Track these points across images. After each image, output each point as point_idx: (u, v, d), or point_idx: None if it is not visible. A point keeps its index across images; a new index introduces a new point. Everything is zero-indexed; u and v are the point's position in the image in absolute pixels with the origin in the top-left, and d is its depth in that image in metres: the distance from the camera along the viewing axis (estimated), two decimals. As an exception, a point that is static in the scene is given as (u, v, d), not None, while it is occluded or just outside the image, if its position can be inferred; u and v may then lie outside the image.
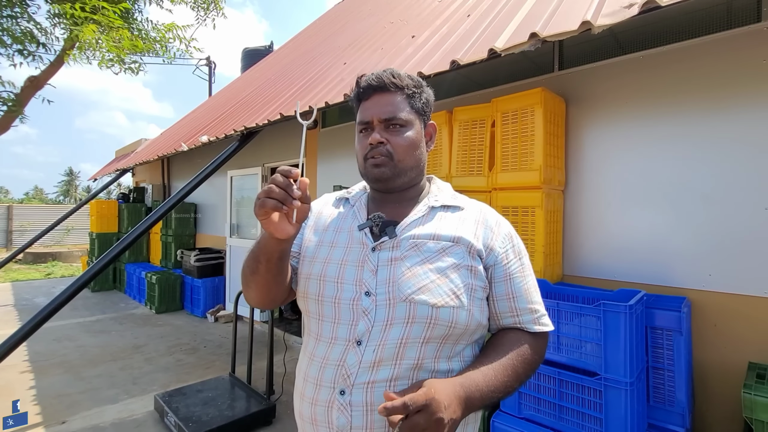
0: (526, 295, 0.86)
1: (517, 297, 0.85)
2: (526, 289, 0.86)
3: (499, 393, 0.75)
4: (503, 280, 0.85)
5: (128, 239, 3.14)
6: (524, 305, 0.85)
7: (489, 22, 2.42)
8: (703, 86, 1.97)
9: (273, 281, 0.83)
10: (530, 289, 0.87)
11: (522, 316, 0.85)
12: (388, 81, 0.87)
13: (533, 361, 0.82)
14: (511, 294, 0.85)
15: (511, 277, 0.85)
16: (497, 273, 0.85)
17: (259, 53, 9.86)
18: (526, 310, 0.85)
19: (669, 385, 1.77)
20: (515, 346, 0.81)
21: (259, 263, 0.80)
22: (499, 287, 0.85)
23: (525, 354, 0.81)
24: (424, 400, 0.63)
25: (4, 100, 3.70)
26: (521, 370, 0.79)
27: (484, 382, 0.74)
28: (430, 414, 0.63)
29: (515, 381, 0.78)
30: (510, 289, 0.85)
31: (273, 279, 0.83)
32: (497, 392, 0.75)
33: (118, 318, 5.40)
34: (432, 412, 0.63)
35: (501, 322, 0.86)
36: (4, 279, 8.22)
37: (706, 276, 1.95)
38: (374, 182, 0.90)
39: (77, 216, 9.20)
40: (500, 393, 0.76)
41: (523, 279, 0.86)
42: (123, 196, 8.23)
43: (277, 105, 3.66)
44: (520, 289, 0.85)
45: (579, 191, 2.39)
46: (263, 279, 0.82)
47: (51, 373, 3.50)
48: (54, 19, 3.47)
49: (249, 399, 2.85)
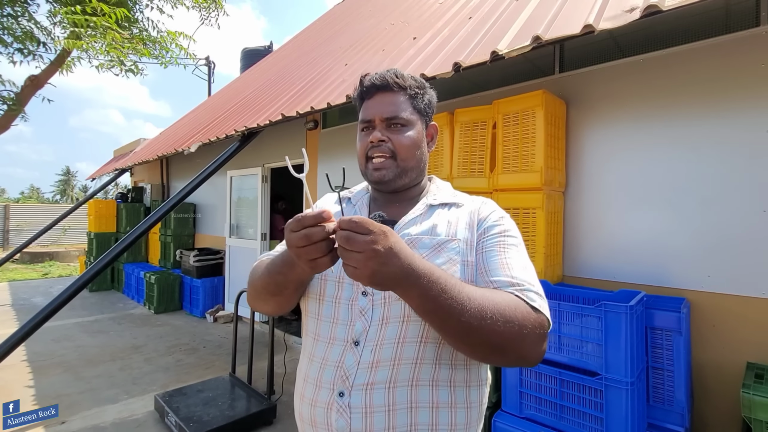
0: (503, 269, 0.76)
1: (489, 270, 0.76)
2: (504, 262, 0.77)
3: (449, 305, 0.63)
4: (479, 252, 0.80)
5: (128, 239, 3.13)
6: (500, 277, 0.74)
7: (491, 24, 2.44)
8: (703, 89, 2.00)
9: (294, 299, 0.85)
10: (511, 263, 0.77)
11: (501, 288, 0.73)
12: (392, 80, 0.88)
13: (513, 312, 0.67)
14: (486, 268, 0.77)
15: (486, 251, 0.79)
16: (477, 248, 0.81)
17: (259, 53, 9.85)
18: (504, 283, 0.73)
19: (668, 385, 1.79)
20: (496, 291, 0.71)
21: (286, 288, 0.79)
22: (477, 264, 0.79)
23: (506, 299, 0.69)
24: (378, 229, 0.60)
25: (4, 99, 3.69)
26: (489, 307, 0.65)
27: (439, 273, 0.64)
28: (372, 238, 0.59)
29: (476, 311, 0.64)
30: (484, 263, 0.78)
31: (296, 298, 0.85)
32: (448, 303, 0.63)
33: (117, 318, 5.38)
34: (374, 240, 0.58)
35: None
36: (1, 279, 8.18)
37: (705, 277, 1.97)
38: (375, 184, 0.91)
39: (74, 215, 9.16)
40: (450, 307, 0.63)
41: (501, 254, 0.78)
42: (121, 196, 8.20)
43: (279, 105, 3.67)
44: (495, 262, 0.77)
45: (579, 193, 2.41)
46: (286, 299, 0.83)
47: (50, 374, 3.49)
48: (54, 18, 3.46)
49: (250, 399, 2.85)
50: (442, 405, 0.78)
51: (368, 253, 0.58)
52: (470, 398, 0.81)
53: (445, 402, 0.78)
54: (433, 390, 0.77)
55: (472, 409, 0.82)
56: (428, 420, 0.76)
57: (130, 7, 3.76)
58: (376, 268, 0.59)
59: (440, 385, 0.78)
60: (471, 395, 0.82)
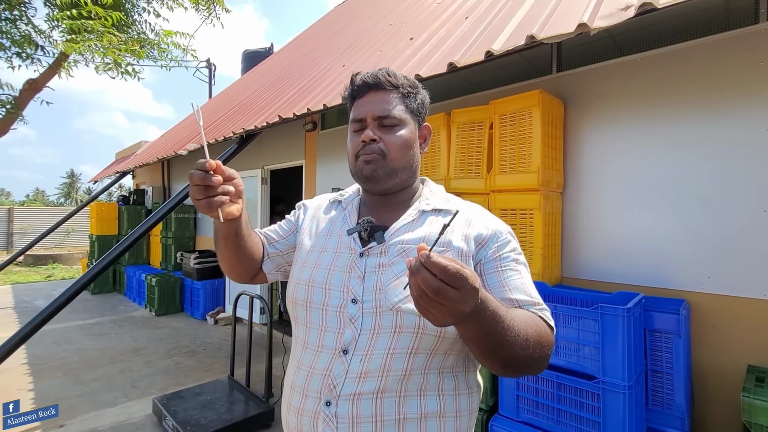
0: (524, 288, 0.78)
1: (512, 288, 0.77)
2: (523, 282, 0.79)
3: (505, 335, 0.63)
4: (495, 271, 0.79)
5: (127, 241, 3.14)
6: (522, 296, 0.76)
7: (487, 24, 2.42)
8: (701, 88, 1.97)
9: (235, 257, 0.89)
10: (527, 284, 0.79)
11: (524, 306, 0.76)
12: (384, 79, 0.86)
13: (543, 336, 0.70)
14: (507, 285, 0.77)
15: (505, 269, 0.79)
16: (488, 265, 0.79)
17: (259, 55, 9.88)
18: (528, 302, 0.76)
19: (668, 389, 1.77)
20: (527, 314, 0.72)
21: (218, 241, 0.87)
22: (492, 278, 0.78)
23: (537, 324, 0.71)
24: (470, 280, 0.53)
25: (2, 103, 3.71)
26: (532, 334, 0.67)
27: (502, 311, 0.62)
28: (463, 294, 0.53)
29: (523, 339, 0.65)
30: (504, 280, 0.78)
31: (234, 255, 0.88)
32: (505, 333, 0.63)
33: (118, 320, 5.40)
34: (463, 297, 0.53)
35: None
36: (5, 281, 8.23)
37: (705, 278, 1.94)
38: (365, 181, 0.88)
39: (78, 218, 9.22)
40: (506, 337, 0.63)
41: (518, 273, 0.79)
42: (123, 199, 8.24)
43: (276, 107, 3.66)
44: (515, 281, 0.78)
45: (577, 193, 2.38)
46: (225, 255, 0.89)
47: (49, 376, 3.50)
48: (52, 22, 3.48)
49: (248, 402, 2.84)
50: (430, 415, 0.76)
51: (453, 310, 0.53)
52: (460, 406, 0.80)
53: (434, 411, 0.76)
54: (421, 400, 0.76)
55: (461, 418, 0.80)
56: (417, 431, 0.75)
57: (128, 10, 3.77)
58: (451, 322, 0.56)
59: (428, 395, 0.77)
60: (460, 403, 0.80)
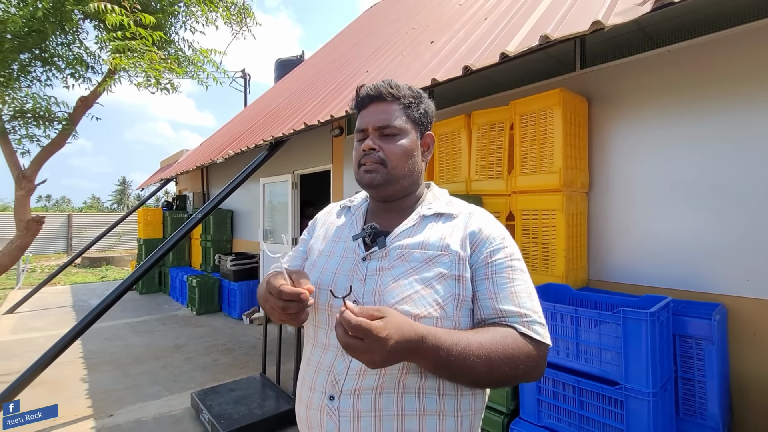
0: (512, 297, 0.79)
1: (500, 298, 0.79)
2: (513, 291, 0.80)
3: (459, 366, 0.69)
4: (485, 278, 0.81)
5: (168, 244, 3.36)
6: (509, 306, 0.78)
7: (504, 25, 2.40)
8: (734, 80, 1.86)
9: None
10: (519, 293, 0.80)
11: (508, 317, 0.78)
12: (385, 91, 0.89)
13: (514, 358, 0.73)
14: (494, 294, 0.79)
15: (495, 275, 0.80)
16: (479, 271, 0.81)
17: (291, 63, 10.20)
18: (513, 313, 0.78)
19: (700, 397, 1.68)
20: (498, 334, 0.75)
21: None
22: (481, 285, 0.80)
23: (507, 345, 0.73)
24: (371, 330, 0.62)
25: (59, 120, 4.09)
26: (496, 357, 0.71)
27: (448, 344, 0.69)
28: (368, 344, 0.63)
29: (484, 365, 0.70)
30: (492, 288, 0.80)
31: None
32: (458, 364, 0.69)
33: (162, 319, 5.75)
34: (369, 347, 0.63)
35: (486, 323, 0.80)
36: (65, 282, 8.97)
37: (744, 281, 1.83)
38: (367, 188, 0.91)
39: (128, 223, 9.89)
40: (460, 368, 0.69)
41: (510, 281, 0.81)
42: (167, 204, 8.76)
43: (303, 115, 3.79)
44: (504, 290, 0.79)
45: (604, 193, 2.31)
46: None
47: (101, 370, 3.80)
48: (101, 44, 3.79)
49: (278, 399, 2.96)
50: (429, 412, 0.78)
51: (365, 359, 0.65)
52: (461, 407, 0.81)
53: (433, 410, 0.79)
54: (419, 398, 0.78)
55: (462, 418, 0.81)
56: (415, 427, 0.78)
57: (166, 28, 4.03)
58: (379, 363, 0.65)
59: (427, 393, 0.79)
60: (462, 404, 0.82)
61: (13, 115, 3.91)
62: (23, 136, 3.97)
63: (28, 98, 3.83)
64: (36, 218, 4.16)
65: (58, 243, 15.11)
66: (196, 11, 4.10)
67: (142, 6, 3.67)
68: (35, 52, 3.73)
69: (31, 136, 3.98)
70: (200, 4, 4.08)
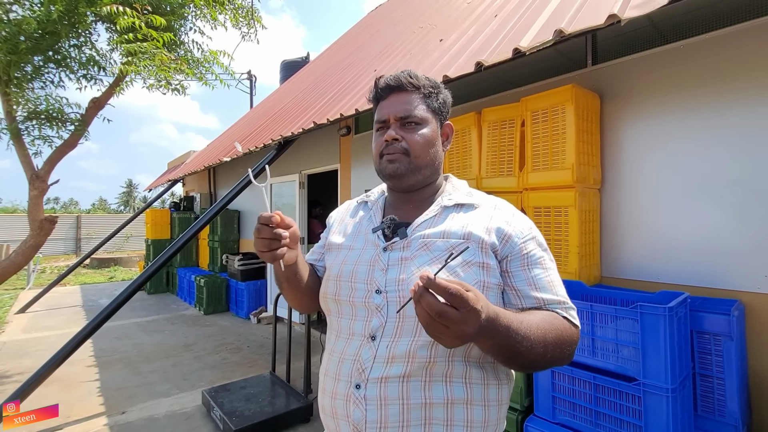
0: (550, 286, 0.81)
1: (539, 287, 0.81)
2: (550, 280, 0.82)
3: (522, 346, 0.68)
4: (521, 269, 0.82)
5: (176, 245, 3.39)
6: (548, 295, 0.80)
7: (516, 20, 2.39)
8: (749, 74, 1.84)
9: (299, 293, 0.95)
10: (554, 281, 0.83)
11: (549, 304, 0.80)
12: (405, 81, 0.89)
13: (564, 339, 0.76)
14: (534, 283, 0.81)
15: (532, 266, 0.82)
16: (514, 262, 0.82)
17: (296, 64, 10.24)
18: (553, 300, 0.80)
19: (719, 394, 1.66)
20: (548, 317, 0.76)
21: (281, 283, 0.93)
22: (519, 276, 0.81)
23: (557, 327, 0.75)
24: (469, 300, 0.57)
25: (72, 120, 4.13)
26: (551, 339, 0.73)
27: (516, 324, 0.67)
28: (464, 315, 0.57)
29: (541, 345, 0.71)
30: (531, 278, 0.81)
31: (298, 292, 0.94)
32: (521, 345, 0.68)
33: (171, 318, 5.78)
34: (465, 318, 0.57)
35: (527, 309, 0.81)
36: (74, 282, 9.05)
37: (762, 277, 1.81)
38: (389, 179, 0.91)
39: (135, 224, 9.97)
40: (523, 347, 0.68)
41: (545, 270, 0.82)
42: (174, 205, 8.82)
43: (311, 114, 3.80)
44: (542, 279, 0.81)
45: (617, 189, 2.29)
46: (290, 293, 0.95)
47: (112, 368, 3.83)
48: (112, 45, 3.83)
49: (288, 397, 2.96)
50: (457, 401, 0.78)
51: (456, 331, 0.58)
52: (488, 396, 0.81)
53: (461, 398, 0.78)
54: (447, 386, 0.78)
55: (490, 407, 0.81)
56: (443, 415, 0.77)
57: (176, 30, 4.07)
58: (459, 343, 0.61)
59: (454, 382, 0.79)
60: (489, 393, 0.81)
61: (27, 116, 3.96)
62: (36, 136, 4.02)
63: (42, 99, 3.88)
64: (49, 218, 4.21)
65: (67, 244, 15.26)
66: (206, 12, 4.13)
67: (152, 8, 3.70)
68: (48, 54, 3.78)
69: (44, 137, 4.03)
70: (209, 6, 4.12)
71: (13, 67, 3.54)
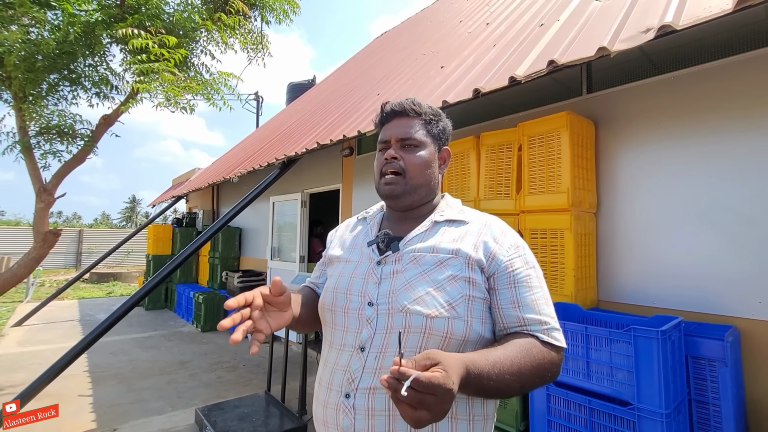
0: (533, 305, 0.83)
1: (522, 306, 0.82)
2: (534, 299, 0.83)
3: (497, 387, 0.71)
4: (507, 287, 0.84)
5: (176, 261, 3.41)
6: (531, 315, 0.82)
7: (513, 50, 2.50)
8: (739, 104, 1.91)
9: (312, 326, 1.03)
10: (538, 300, 0.84)
11: (530, 326, 0.82)
12: (408, 107, 0.96)
13: (542, 367, 0.77)
14: (517, 302, 0.83)
15: (517, 284, 0.84)
16: (501, 280, 0.84)
17: (303, 86, 10.51)
18: (534, 321, 0.82)
19: (715, 421, 1.65)
20: (524, 347, 0.78)
21: (291, 328, 0.98)
22: (504, 294, 0.84)
23: (534, 356, 0.77)
24: (443, 384, 0.59)
25: (82, 136, 4.25)
26: (526, 371, 0.75)
27: (487, 369, 0.70)
28: (441, 398, 0.59)
29: (517, 382, 0.73)
30: (515, 296, 0.83)
31: (310, 326, 1.03)
32: (497, 386, 0.71)
33: (167, 335, 5.74)
34: (443, 399, 0.59)
35: (508, 331, 0.84)
36: (72, 296, 9.02)
37: (756, 303, 1.82)
38: (387, 199, 0.97)
39: (136, 240, 10.01)
40: (498, 389, 0.72)
41: (530, 289, 0.84)
42: (177, 221, 8.88)
43: (315, 134, 3.90)
44: (526, 298, 0.83)
45: (612, 214, 2.33)
46: (302, 330, 1.06)
47: (106, 384, 3.79)
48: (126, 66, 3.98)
49: (282, 417, 2.92)
50: None
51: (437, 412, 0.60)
52: (473, 411, 0.83)
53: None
54: None
55: (475, 422, 0.83)
56: (428, 429, 0.79)
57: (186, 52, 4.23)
58: (441, 416, 0.62)
59: None
60: (474, 408, 0.83)
61: (39, 131, 4.07)
62: (47, 151, 4.12)
63: (54, 115, 4.00)
64: (53, 231, 4.26)
65: (68, 258, 15.29)
66: (217, 37, 4.30)
67: (166, 30, 3.87)
68: (64, 73, 3.93)
69: (54, 152, 4.13)
70: (221, 31, 4.29)
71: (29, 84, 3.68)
